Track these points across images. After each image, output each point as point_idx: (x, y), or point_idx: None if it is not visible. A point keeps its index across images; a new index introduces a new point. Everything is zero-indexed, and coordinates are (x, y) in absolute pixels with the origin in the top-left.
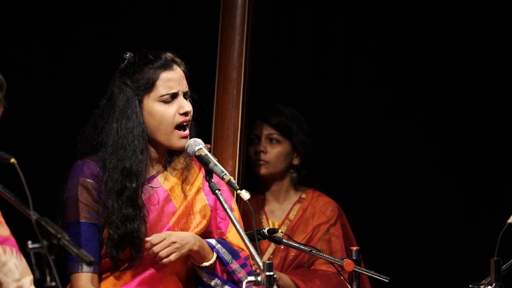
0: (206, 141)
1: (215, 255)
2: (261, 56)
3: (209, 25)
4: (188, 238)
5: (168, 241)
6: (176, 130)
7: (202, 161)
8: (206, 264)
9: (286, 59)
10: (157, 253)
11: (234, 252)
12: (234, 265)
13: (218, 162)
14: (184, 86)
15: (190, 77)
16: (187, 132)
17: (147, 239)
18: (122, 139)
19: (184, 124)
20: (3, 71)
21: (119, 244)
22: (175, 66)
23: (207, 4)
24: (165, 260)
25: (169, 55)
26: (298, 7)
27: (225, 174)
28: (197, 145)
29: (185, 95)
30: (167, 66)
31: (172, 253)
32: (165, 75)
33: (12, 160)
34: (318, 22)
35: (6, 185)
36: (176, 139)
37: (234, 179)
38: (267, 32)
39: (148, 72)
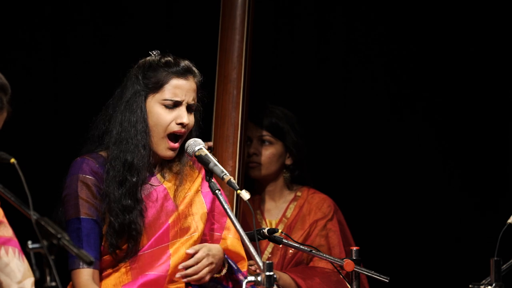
0: (206, 141)
1: (226, 267)
2: (261, 56)
3: (209, 25)
4: (219, 255)
5: (207, 261)
6: (167, 139)
7: (202, 161)
8: (217, 275)
9: (286, 58)
10: (196, 272)
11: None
12: (241, 276)
13: (218, 162)
14: (190, 99)
15: (201, 91)
16: (177, 145)
17: (188, 251)
18: (125, 132)
19: (177, 134)
20: (2, 71)
21: (119, 231)
22: (189, 77)
23: (207, 4)
24: (196, 279)
25: (187, 64)
26: (298, 7)
27: (225, 174)
28: (197, 145)
29: (190, 107)
30: (181, 74)
31: (208, 273)
32: (175, 82)
33: (12, 160)
34: (318, 21)
35: (6, 185)
36: (163, 148)
37: (234, 179)
38: (267, 31)
39: (161, 73)
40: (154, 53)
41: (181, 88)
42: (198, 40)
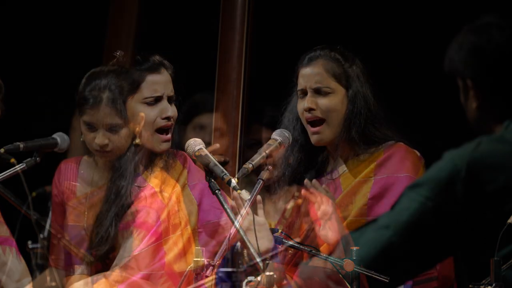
0: (206, 141)
1: None
2: (261, 56)
3: (209, 25)
4: None
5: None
6: (157, 134)
7: (202, 161)
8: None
9: (286, 58)
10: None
11: None
12: None
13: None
14: (169, 90)
15: (177, 82)
16: (169, 136)
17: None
18: None
19: (166, 128)
20: (2, 71)
21: (108, 241)
22: (162, 70)
23: (207, 4)
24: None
25: (157, 58)
26: (298, 7)
27: (225, 174)
28: (197, 145)
29: (170, 99)
30: (154, 69)
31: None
32: (150, 78)
33: (12, 160)
34: (318, 21)
35: (6, 185)
36: (158, 143)
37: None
38: (267, 32)
39: (134, 73)
40: (118, 53)
41: (158, 83)
42: (198, 40)
